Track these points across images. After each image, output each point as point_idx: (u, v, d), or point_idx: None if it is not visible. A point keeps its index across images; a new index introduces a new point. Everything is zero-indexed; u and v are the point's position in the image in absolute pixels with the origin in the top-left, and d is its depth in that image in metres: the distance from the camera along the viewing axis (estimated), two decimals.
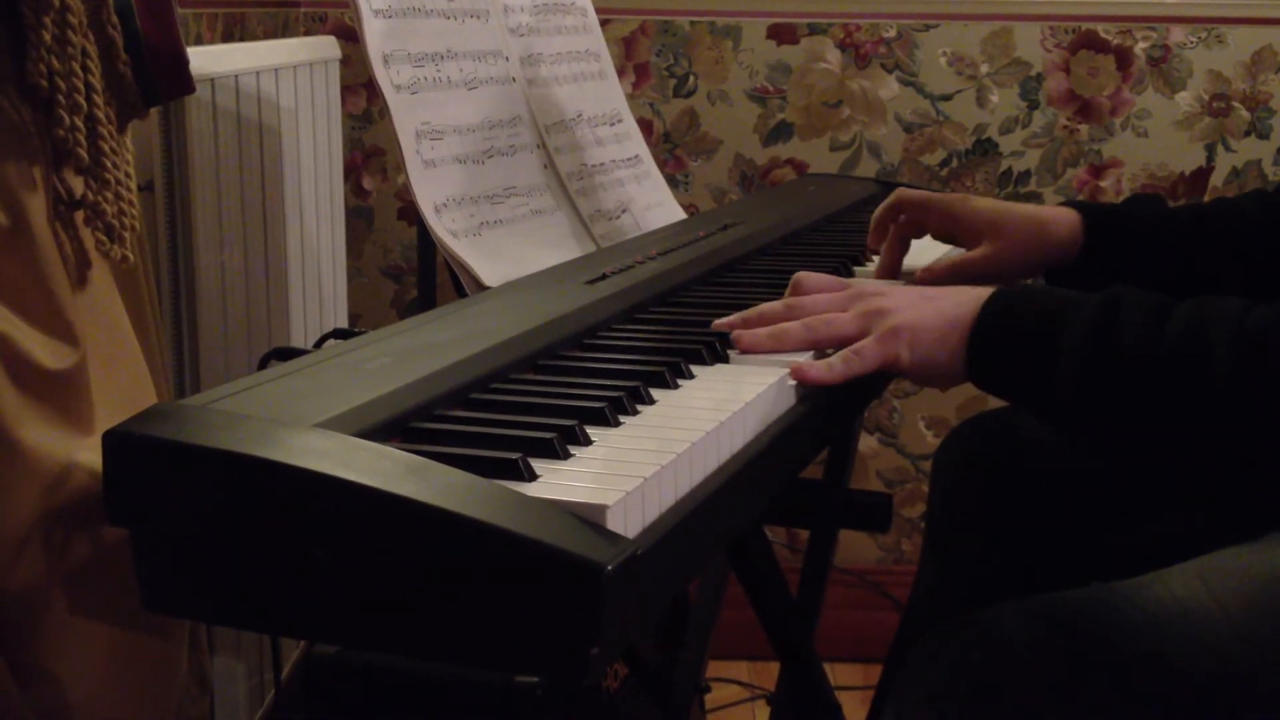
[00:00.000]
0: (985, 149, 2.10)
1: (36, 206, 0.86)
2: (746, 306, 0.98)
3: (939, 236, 1.24)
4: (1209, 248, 1.18)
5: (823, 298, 0.96)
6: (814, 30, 2.07)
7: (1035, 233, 1.17)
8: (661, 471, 0.67)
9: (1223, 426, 0.82)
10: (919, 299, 0.93)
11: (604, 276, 1.06)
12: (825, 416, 0.91)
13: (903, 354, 0.90)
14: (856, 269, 1.24)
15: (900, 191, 1.23)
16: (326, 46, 1.73)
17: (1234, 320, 0.83)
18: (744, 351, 0.91)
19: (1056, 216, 1.19)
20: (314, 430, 0.66)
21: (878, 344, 0.90)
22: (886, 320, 0.91)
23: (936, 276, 1.17)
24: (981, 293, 0.92)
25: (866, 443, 2.18)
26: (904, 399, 2.18)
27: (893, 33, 2.07)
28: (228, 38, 1.75)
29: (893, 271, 1.20)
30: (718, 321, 0.95)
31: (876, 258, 1.24)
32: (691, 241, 1.23)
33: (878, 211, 1.23)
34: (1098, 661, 0.88)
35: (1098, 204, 1.27)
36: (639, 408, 0.79)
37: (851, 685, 2.06)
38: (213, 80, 1.37)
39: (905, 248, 1.21)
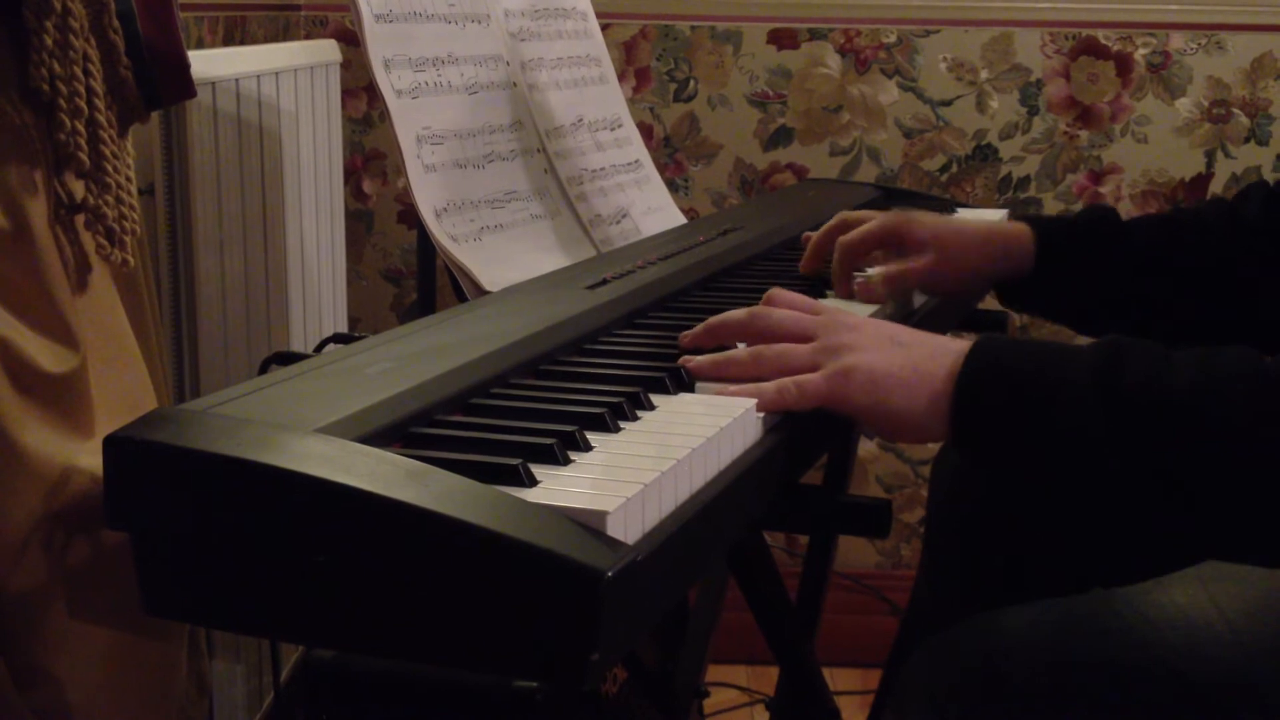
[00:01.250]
0: (985, 154, 2.10)
1: (37, 210, 0.86)
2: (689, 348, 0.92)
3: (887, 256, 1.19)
4: (1165, 260, 1.17)
5: (789, 315, 0.88)
6: (814, 35, 2.07)
7: (982, 246, 1.16)
8: (662, 478, 0.67)
9: (1246, 464, 0.76)
10: (888, 343, 0.85)
11: (604, 281, 1.06)
12: (825, 422, 0.91)
13: (852, 396, 0.83)
14: (856, 274, 1.24)
15: (843, 214, 1.18)
16: (327, 50, 1.74)
17: (1248, 365, 0.78)
18: (692, 374, 0.85)
19: (1007, 231, 1.18)
20: (314, 435, 0.66)
21: (825, 381, 0.83)
22: (842, 359, 0.84)
23: (874, 291, 1.12)
24: (961, 345, 0.85)
25: (866, 448, 2.18)
26: None
27: (893, 38, 2.07)
28: (228, 41, 1.75)
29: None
30: (684, 335, 0.91)
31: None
32: (691, 246, 1.23)
33: (818, 234, 1.18)
34: (1098, 667, 0.88)
35: (1049, 217, 1.26)
36: (639, 413, 0.79)
37: (850, 690, 2.06)
38: (213, 84, 1.37)
39: (853, 270, 1.16)
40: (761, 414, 0.81)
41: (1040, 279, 1.17)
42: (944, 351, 0.84)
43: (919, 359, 0.84)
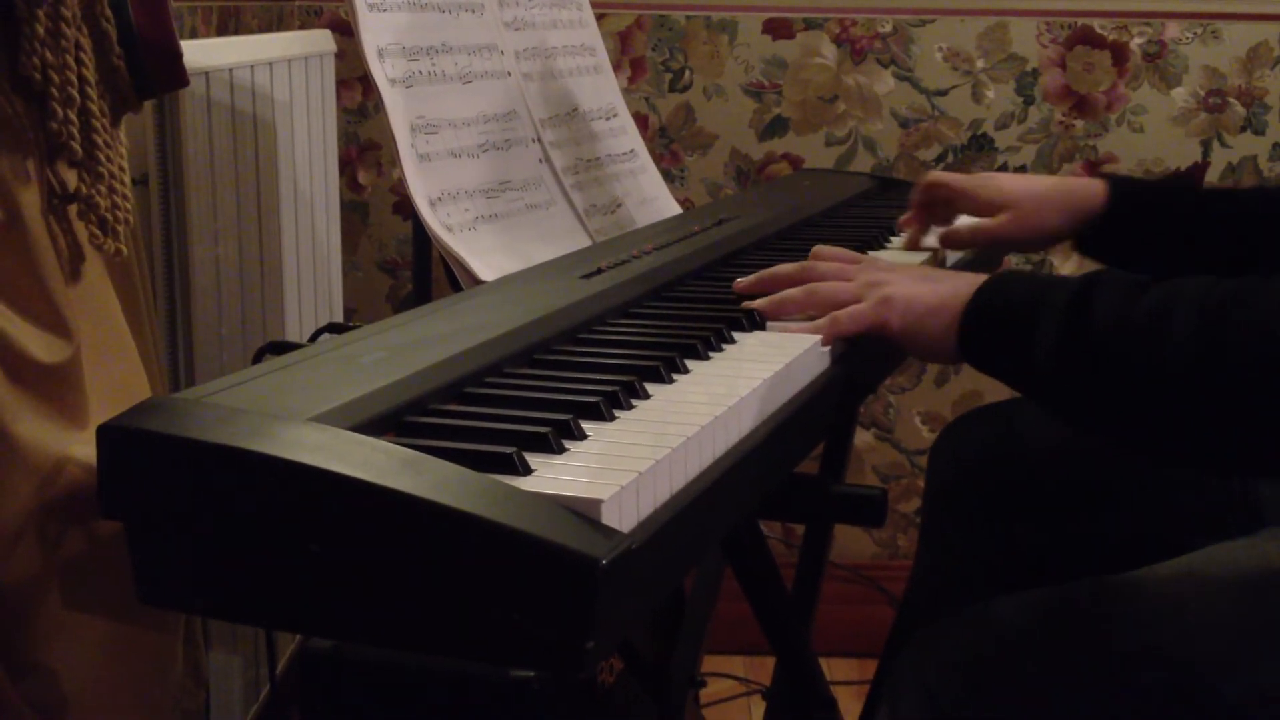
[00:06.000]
0: (981, 144, 2.10)
1: (30, 200, 0.86)
2: (741, 300, 1.01)
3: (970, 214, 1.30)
4: (1235, 226, 1.21)
5: (834, 265, 1.01)
6: (810, 25, 2.07)
7: (1054, 203, 1.23)
8: (656, 466, 0.67)
9: (1182, 397, 0.81)
10: (920, 277, 0.97)
11: (599, 271, 1.06)
12: (821, 411, 0.91)
13: (892, 320, 0.94)
14: (936, 228, 1.28)
15: (931, 174, 1.30)
16: (321, 40, 1.73)
17: (1198, 293, 0.83)
18: (757, 312, 0.98)
19: (1081, 186, 1.24)
20: (309, 424, 0.66)
21: (870, 309, 0.95)
22: (882, 290, 0.96)
23: (959, 238, 1.25)
24: (980, 277, 0.95)
25: (862, 438, 2.18)
26: (900, 394, 2.18)
27: (888, 28, 2.06)
28: (222, 31, 1.74)
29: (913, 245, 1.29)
30: (739, 281, 1.02)
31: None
32: (687, 236, 1.23)
33: (915, 197, 1.30)
34: (1092, 654, 0.88)
35: (1129, 176, 1.30)
36: (634, 402, 0.79)
37: (847, 680, 2.06)
38: (207, 74, 1.36)
39: (928, 227, 1.30)
40: (759, 400, 0.81)
41: (1111, 232, 1.23)
42: (967, 283, 0.94)
43: (946, 290, 0.94)
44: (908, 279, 0.97)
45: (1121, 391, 0.84)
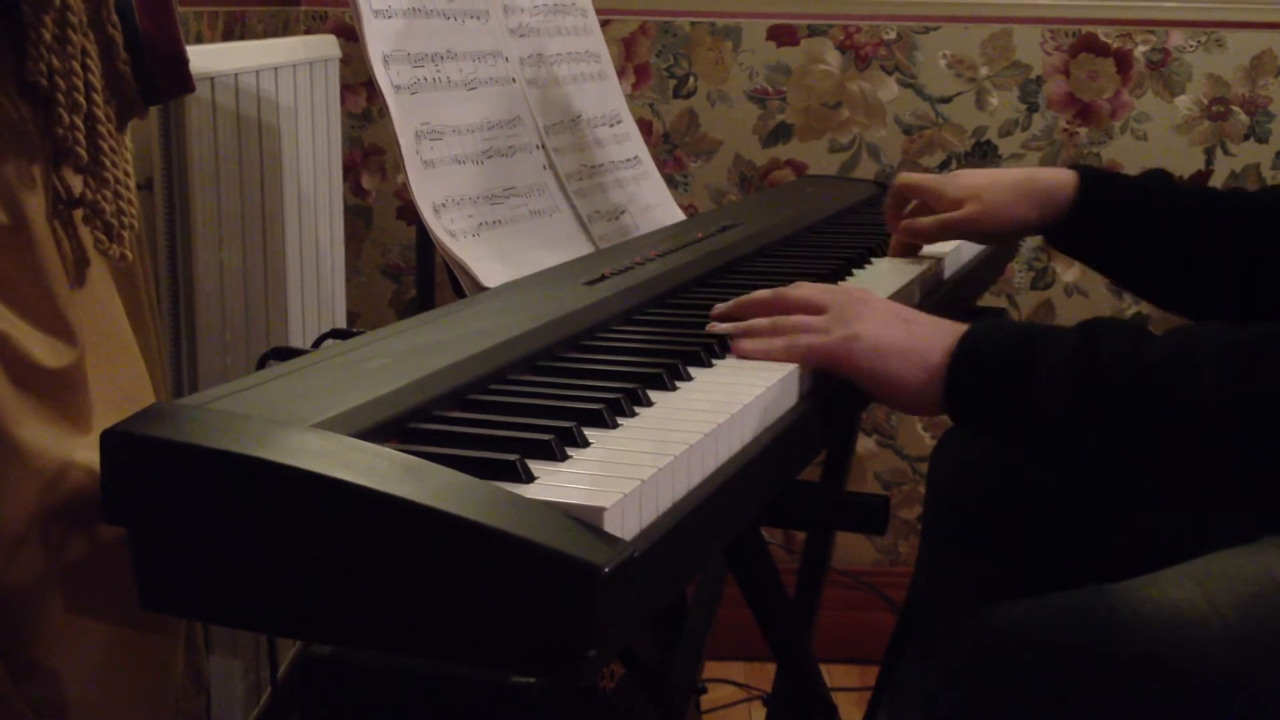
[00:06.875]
0: (984, 151, 2.10)
1: (35, 205, 0.86)
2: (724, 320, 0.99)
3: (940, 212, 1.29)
4: (1207, 227, 1.20)
5: (806, 294, 0.96)
6: (814, 32, 2.07)
7: (1021, 193, 1.21)
8: (659, 474, 0.67)
9: (1212, 441, 0.81)
10: (894, 318, 0.93)
11: (603, 277, 1.06)
12: (823, 419, 0.91)
13: (858, 361, 0.90)
14: (856, 270, 1.24)
15: (900, 176, 1.28)
16: (326, 45, 1.73)
17: (1221, 338, 0.82)
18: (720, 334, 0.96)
19: (1049, 177, 1.23)
20: (312, 431, 0.66)
21: (833, 343, 0.91)
22: (851, 327, 0.91)
23: (923, 230, 1.24)
24: (958, 326, 0.92)
25: (864, 444, 2.18)
26: None
27: (893, 34, 2.07)
28: (228, 36, 1.75)
29: (905, 251, 1.29)
30: (718, 307, 0.99)
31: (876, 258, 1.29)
32: (690, 243, 1.23)
33: (886, 201, 1.30)
34: (1093, 663, 0.88)
35: (1101, 169, 1.30)
36: (637, 410, 0.79)
37: (848, 686, 2.06)
38: (212, 79, 1.37)
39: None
40: (762, 408, 0.81)
41: (1079, 226, 1.21)
42: (943, 331, 0.91)
43: (920, 335, 0.91)
44: (881, 317, 0.93)
45: (1149, 438, 0.83)
